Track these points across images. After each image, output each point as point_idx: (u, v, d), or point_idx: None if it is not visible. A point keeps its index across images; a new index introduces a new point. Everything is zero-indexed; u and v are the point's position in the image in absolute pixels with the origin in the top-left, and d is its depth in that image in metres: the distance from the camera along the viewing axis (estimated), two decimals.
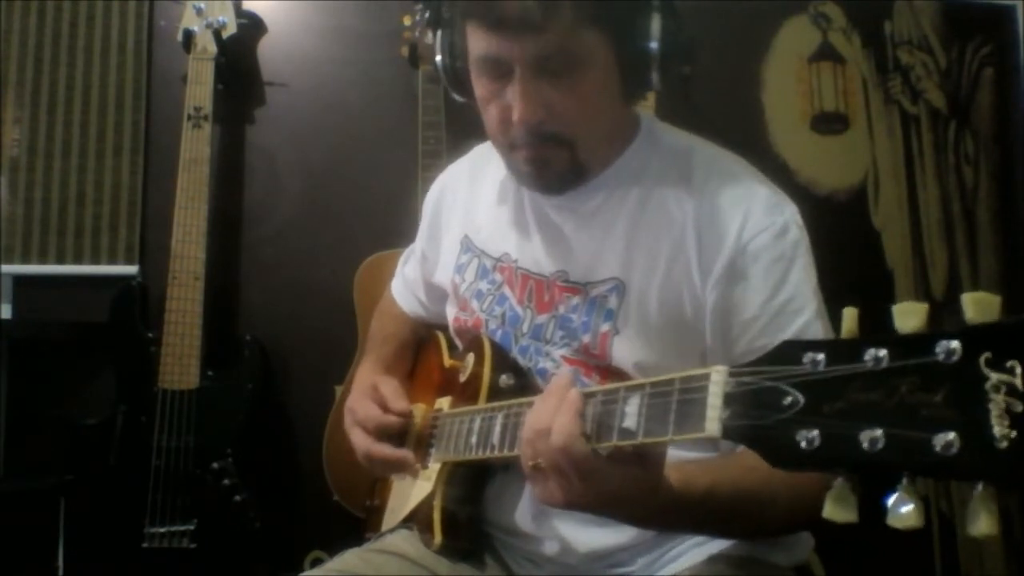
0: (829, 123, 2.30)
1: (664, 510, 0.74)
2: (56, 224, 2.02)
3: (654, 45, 0.88)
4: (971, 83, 2.37)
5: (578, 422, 0.68)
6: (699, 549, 0.95)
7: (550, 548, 0.98)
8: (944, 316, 0.46)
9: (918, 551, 2.13)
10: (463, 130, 1.82)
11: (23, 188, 2.02)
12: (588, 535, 0.96)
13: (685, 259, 0.92)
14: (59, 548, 1.73)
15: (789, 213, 0.93)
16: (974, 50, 2.38)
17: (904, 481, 0.45)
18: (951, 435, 0.42)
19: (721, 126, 1.03)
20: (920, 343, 0.44)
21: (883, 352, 0.46)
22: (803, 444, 0.48)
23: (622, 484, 0.69)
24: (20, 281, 2.02)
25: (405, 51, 2.00)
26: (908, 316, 0.46)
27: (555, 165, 0.92)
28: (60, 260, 2.02)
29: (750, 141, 2.17)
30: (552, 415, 0.70)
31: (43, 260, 2.01)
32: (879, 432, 0.45)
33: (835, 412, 0.47)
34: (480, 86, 0.92)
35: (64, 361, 1.98)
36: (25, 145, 2.03)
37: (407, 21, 1.99)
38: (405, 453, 1.05)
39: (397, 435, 1.07)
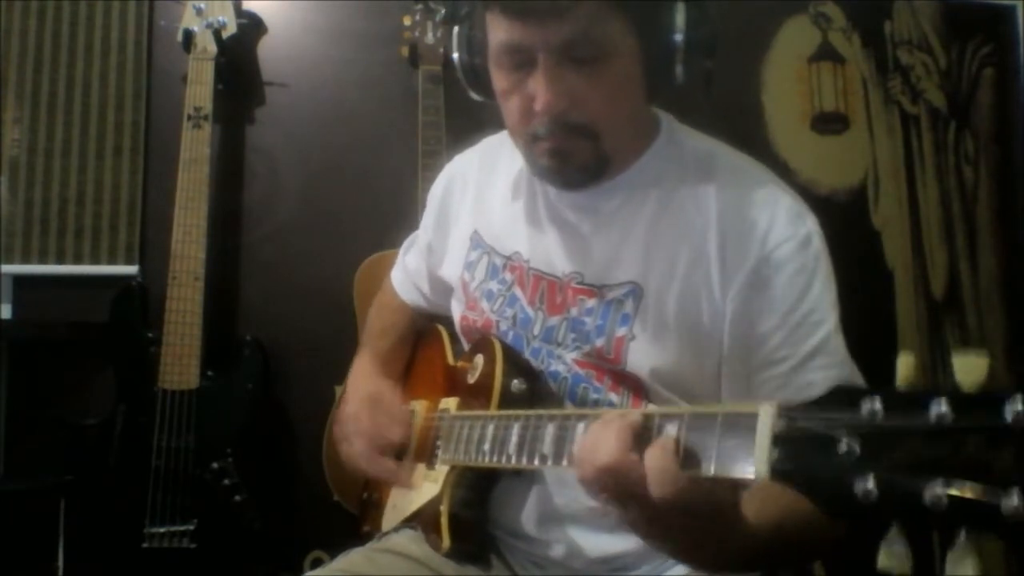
0: (829, 123, 2.30)
1: (741, 546, 0.67)
2: (56, 224, 2.02)
3: (679, 37, 0.86)
4: (971, 83, 2.37)
5: (676, 464, 0.60)
6: None
7: (556, 552, 0.98)
8: (944, 316, 0.46)
9: (918, 552, 2.12)
10: (463, 130, 1.83)
11: (23, 188, 2.02)
12: (594, 539, 0.96)
13: (705, 265, 0.90)
14: (59, 548, 1.72)
15: (811, 223, 0.92)
16: (974, 50, 2.38)
17: (963, 536, 0.45)
18: (1018, 496, 0.43)
19: (721, 126, 1.02)
20: (987, 402, 0.44)
21: (947, 407, 0.45)
22: (860, 494, 0.47)
23: (707, 508, 0.62)
24: (20, 281, 2.01)
25: (405, 51, 2.00)
26: (969, 370, 0.46)
27: (578, 158, 0.90)
28: (60, 260, 2.01)
29: (750, 141, 2.15)
30: (617, 451, 0.63)
31: (43, 260, 2.01)
32: (942, 488, 0.45)
33: (895, 464, 0.47)
34: (501, 78, 0.90)
35: (64, 361, 1.98)
36: (25, 145, 2.02)
37: (407, 21, 1.99)
38: (399, 469, 1.06)
39: (395, 450, 1.07)
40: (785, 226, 0.90)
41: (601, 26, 0.83)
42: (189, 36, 1.91)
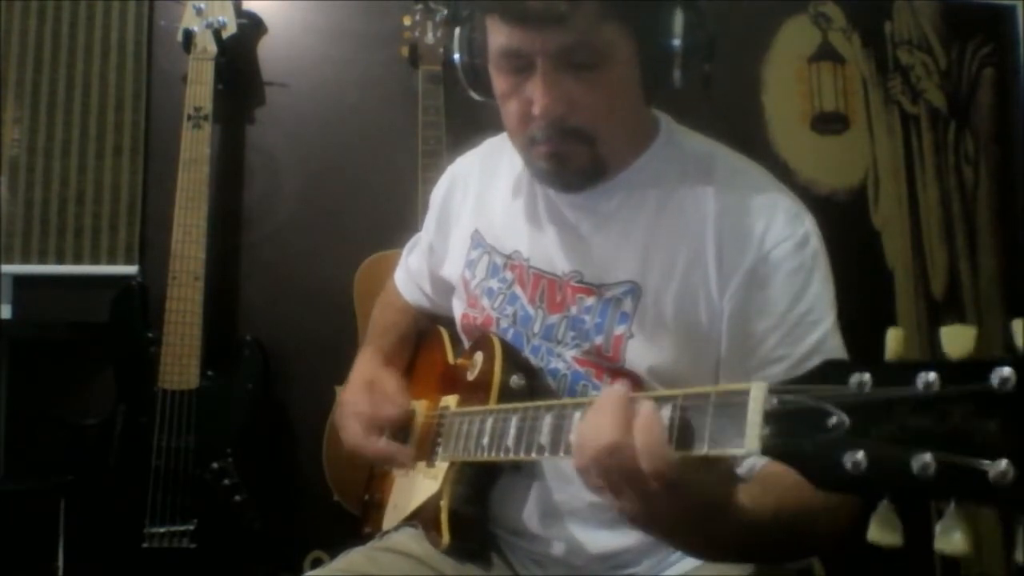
0: (829, 123, 2.30)
1: (737, 533, 0.68)
2: (56, 224, 2.02)
3: (677, 42, 0.87)
4: (971, 83, 2.37)
5: (664, 437, 0.61)
6: None
7: (557, 549, 0.98)
8: (944, 316, 0.46)
9: (918, 551, 2.13)
10: (463, 130, 1.83)
11: (23, 188, 2.02)
12: (595, 536, 0.96)
13: (703, 265, 0.91)
14: (59, 548, 1.72)
15: (809, 223, 0.93)
16: (974, 50, 2.38)
17: (952, 507, 0.45)
18: (1006, 464, 0.42)
19: (721, 126, 1.03)
20: (974, 370, 0.44)
21: (934, 377, 0.45)
22: (849, 466, 0.48)
23: (700, 490, 0.63)
24: (20, 281, 2.02)
25: (405, 51, 2.00)
26: (957, 340, 0.45)
27: (575, 161, 0.91)
28: (60, 260, 2.02)
29: (750, 141, 2.17)
30: (618, 430, 0.62)
31: (43, 260, 2.01)
32: (930, 458, 0.44)
33: (883, 435, 0.47)
34: (500, 81, 0.91)
35: (64, 361, 1.98)
36: (25, 145, 2.03)
37: (407, 21, 1.99)
38: (396, 447, 1.05)
39: (393, 431, 1.07)
40: (783, 226, 0.91)
41: (599, 32, 0.84)
42: (189, 36, 1.91)
